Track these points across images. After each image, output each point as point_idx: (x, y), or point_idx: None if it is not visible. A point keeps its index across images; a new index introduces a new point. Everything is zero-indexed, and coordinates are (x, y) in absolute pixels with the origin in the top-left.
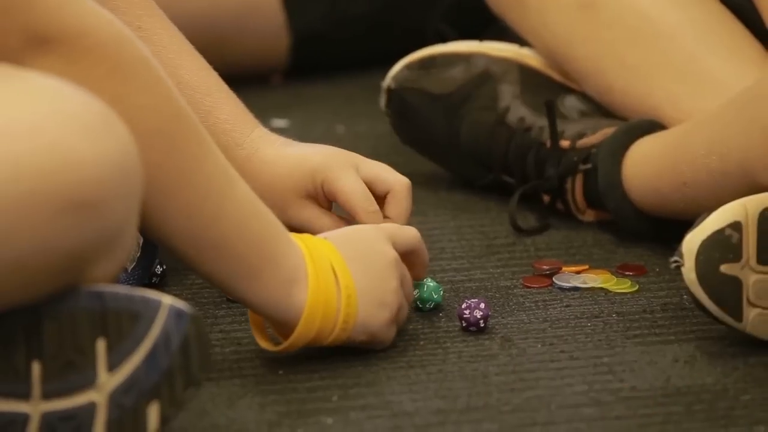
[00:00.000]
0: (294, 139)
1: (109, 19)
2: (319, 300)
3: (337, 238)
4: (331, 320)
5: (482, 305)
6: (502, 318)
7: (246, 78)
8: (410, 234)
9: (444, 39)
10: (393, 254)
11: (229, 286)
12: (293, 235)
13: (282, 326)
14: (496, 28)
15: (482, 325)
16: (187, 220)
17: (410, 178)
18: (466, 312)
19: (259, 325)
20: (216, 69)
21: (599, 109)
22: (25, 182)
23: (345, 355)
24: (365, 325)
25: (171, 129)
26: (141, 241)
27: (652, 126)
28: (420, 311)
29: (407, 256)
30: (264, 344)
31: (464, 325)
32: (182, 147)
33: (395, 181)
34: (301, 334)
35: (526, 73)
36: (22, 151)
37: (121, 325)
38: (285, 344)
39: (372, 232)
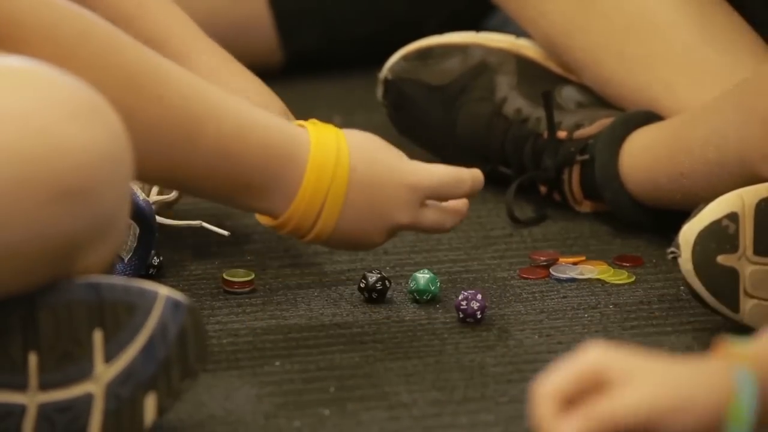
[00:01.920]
0: None
1: (43, 1)
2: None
3: (358, 150)
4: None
5: (479, 296)
6: (499, 309)
7: None
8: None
9: None
10: (399, 223)
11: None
12: (311, 128)
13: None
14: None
15: (479, 317)
16: (157, 172)
17: None
18: (463, 303)
19: None
20: None
21: (596, 100)
22: (14, 169)
23: (342, 346)
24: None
25: (125, 98)
26: (137, 231)
27: (650, 117)
28: (417, 303)
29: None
30: (263, 220)
31: (461, 316)
32: (140, 111)
33: None
34: (287, 220)
35: (523, 64)
36: (10, 137)
37: (117, 317)
38: (279, 221)
39: (394, 188)
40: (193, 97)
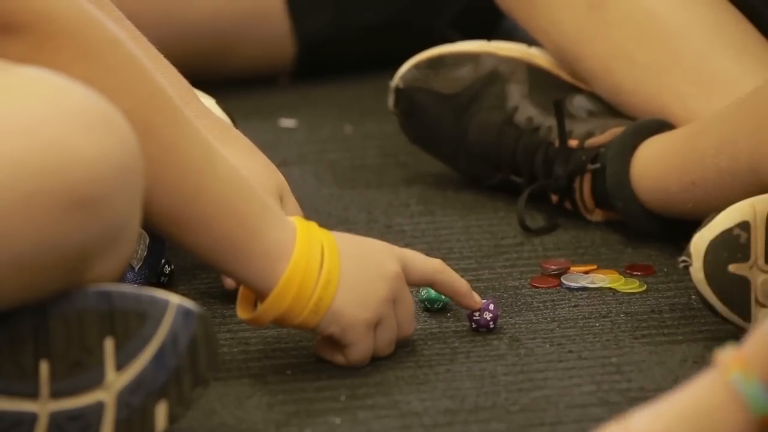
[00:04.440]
0: (303, 139)
1: (75, 2)
2: (296, 274)
3: (341, 234)
4: (305, 298)
5: (491, 306)
6: (510, 318)
7: (253, 78)
8: (428, 265)
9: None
10: (394, 270)
11: (212, 261)
12: (296, 218)
13: (263, 298)
14: (502, 33)
15: (492, 326)
16: (166, 199)
17: (418, 178)
18: (476, 314)
19: (247, 296)
20: (220, 73)
21: (608, 109)
22: (27, 181)
23: None
24: (337, 316)
25: (144, 111)
26: (148, 240)
27: (661, 125)
28: (428, 311)
29: (431, 286)
30: (241, 313)
31: (474, 326)
32: (157, 128)
33: None
34: (271, 304)
35: (534, 72)
36: (21, 149)
37: (128, 325)
38: (255, 313)
39: (381, 245)
40: (200, 133)
